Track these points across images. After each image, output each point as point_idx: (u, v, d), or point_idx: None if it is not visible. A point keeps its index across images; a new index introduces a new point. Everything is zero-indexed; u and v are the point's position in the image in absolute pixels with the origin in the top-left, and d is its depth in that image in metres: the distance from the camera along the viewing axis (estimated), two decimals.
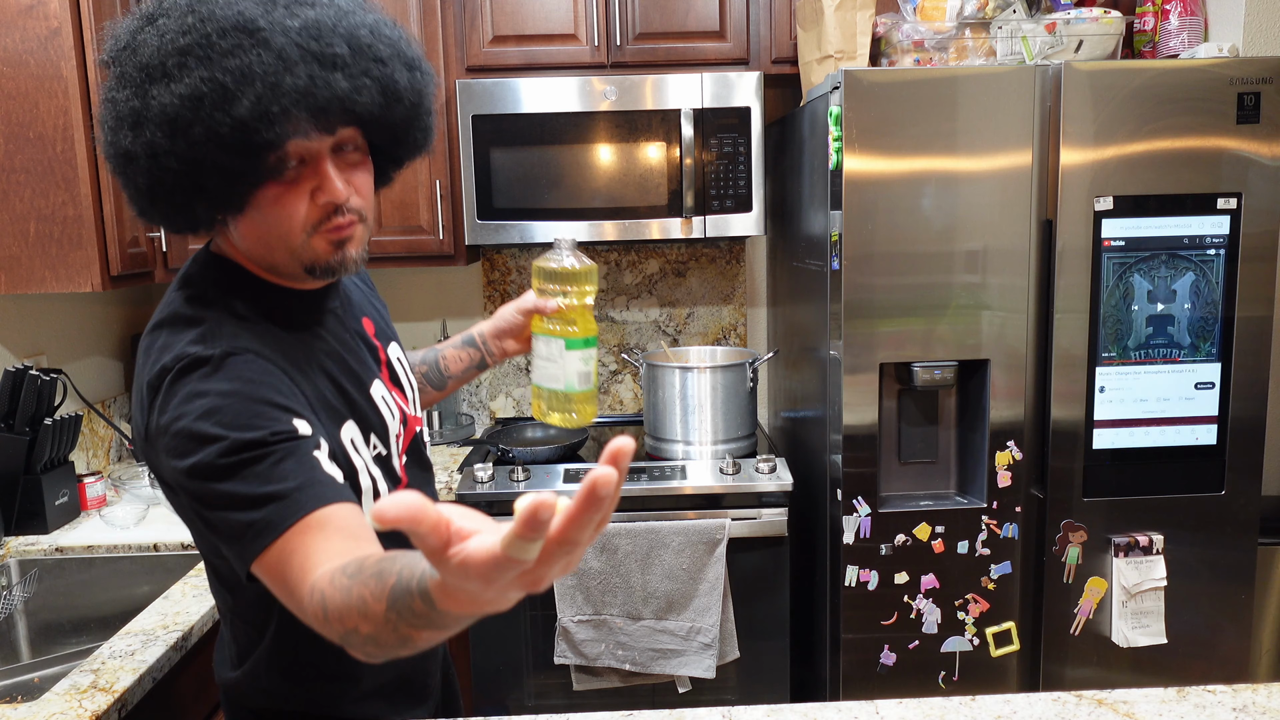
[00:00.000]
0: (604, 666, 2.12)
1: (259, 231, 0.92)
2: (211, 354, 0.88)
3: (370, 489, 0.98)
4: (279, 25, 0.83)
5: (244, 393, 0.86)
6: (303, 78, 0.82)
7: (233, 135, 0.82)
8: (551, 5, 2.31)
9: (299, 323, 0.99)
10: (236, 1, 0.83)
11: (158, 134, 0.82)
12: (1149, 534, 1.93)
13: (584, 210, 2.28)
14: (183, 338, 0.90)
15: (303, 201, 0.90)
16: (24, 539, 1.85)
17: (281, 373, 0.91)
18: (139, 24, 0.86)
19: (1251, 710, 1.11)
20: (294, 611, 0.84)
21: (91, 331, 2.37)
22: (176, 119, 0.81)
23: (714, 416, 2.30)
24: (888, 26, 2.07)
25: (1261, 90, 1.83)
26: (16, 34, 1.82)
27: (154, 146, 0.83)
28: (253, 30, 0.82)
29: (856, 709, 1.15)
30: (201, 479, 0.84)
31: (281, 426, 0.86)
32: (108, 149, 0.87)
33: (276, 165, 0.87)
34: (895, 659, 1.98)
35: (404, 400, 1.10)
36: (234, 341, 0.90)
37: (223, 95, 0.81)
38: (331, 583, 0.80)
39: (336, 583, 0.80)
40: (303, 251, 0.93)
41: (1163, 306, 1.90)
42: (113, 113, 0.85)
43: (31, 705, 1.20)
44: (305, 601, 0.81)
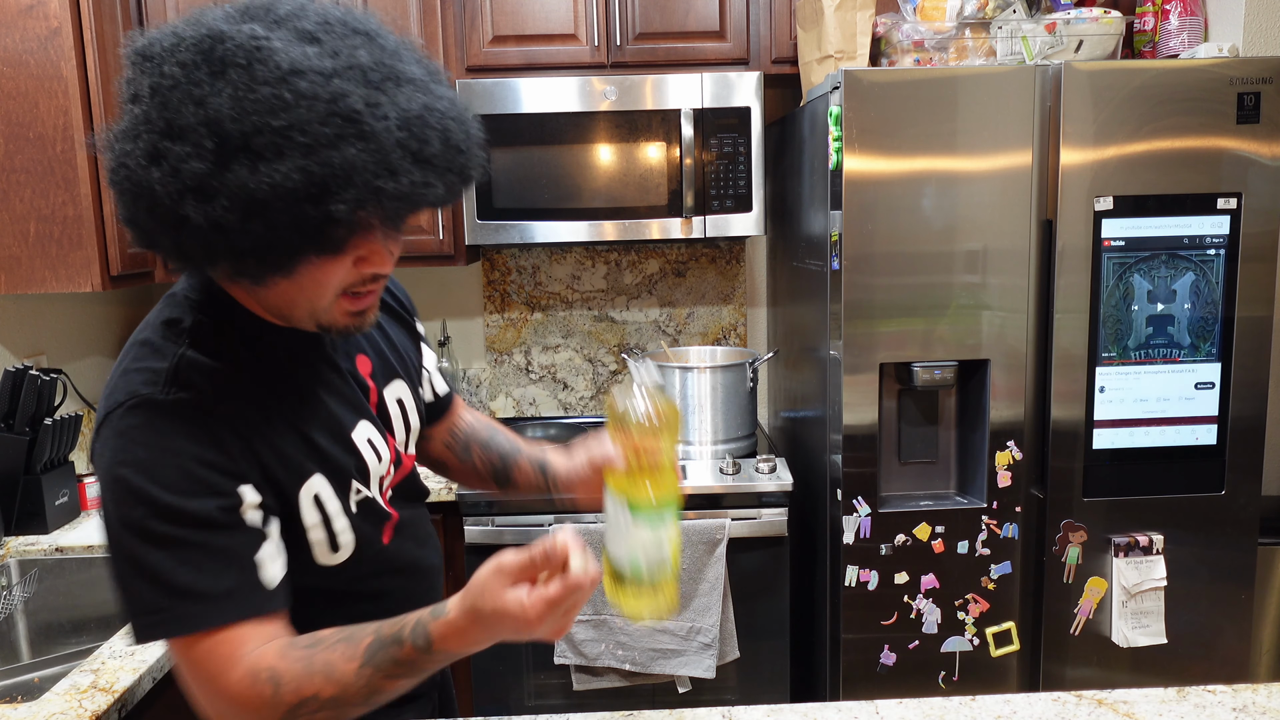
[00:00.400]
0: (604, 666, 2.12)
1: (289, 293, 0.86)
2: (165, 400, 0.83)
3: (325, 541, 0.95)
4: (378, 113, 0.76)
5: (189, 452, 0.83)
6: (404, 184, 0.78)
7: (318, 228, 0.77)
8: (551, 5, 2.32)
9: (282, 366, 0.93)
10: (330, 78, 0.75)
11: (231, 212, 0.74)
12: (1149, 534, 1.93)
13: (584, 210, 2.28)
14: (145, 372, 0.86)
15: (344, 268, 0.85)
16: (24, 539, 1.85)
17: (234, 434, 0.86)
18: (201, 70, 0.75)
19: (1251, 710, 1.11)
20: (209, 691, 0.85)
21: (91, 331, 2.37)
22: (259, 203, 0.74)
23: (714, 416, 2.30)
24: (888, 26, 2.07)
25: (1261, 90, 1.83)
26: (16, 34, 1.82)
27: (221, 222, 0.75)
28: (354, 119, 0.75)
29: (856, 709, 1.15)
30: (134, 536, 0.82)
31: (226, 501, 0.84)
32: (144, 196, 0.77)
33: (339, 243, 0.82)
34: (895, 659, 1.98)
35: (392, 442, 1.05)
36: (196, 389, 0.85)
37: (320, 191, 0.74)
38: (283, 657, 0.85)
39: (290, 655, 0.85)
40: (324, 314, 0.88)
41: (1163, 306, 1.90)
42: (170, 172, 0.74)
43: (31, 705, 1.20)
44: (243, 683, 0.83)
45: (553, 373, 2.79)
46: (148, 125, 0.76)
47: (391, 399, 1.06)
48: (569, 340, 2.78)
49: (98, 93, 1.89)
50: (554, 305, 2.77)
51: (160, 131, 0.75)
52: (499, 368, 2.79)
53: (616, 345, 2.79)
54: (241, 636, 0.84)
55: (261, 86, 0.73)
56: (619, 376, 2.81)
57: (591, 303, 2.77)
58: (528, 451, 1.22)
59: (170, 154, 0.74)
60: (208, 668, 0.84)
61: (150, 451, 0.82)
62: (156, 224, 0.78)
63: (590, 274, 2.75)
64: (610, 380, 2.81)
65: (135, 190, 0.77)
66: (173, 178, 0.74)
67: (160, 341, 0.88)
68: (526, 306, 2.77)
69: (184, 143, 0.74)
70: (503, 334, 2.77)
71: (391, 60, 0.80)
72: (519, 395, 2.80)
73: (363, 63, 0.78)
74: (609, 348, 2.79)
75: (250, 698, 0.84)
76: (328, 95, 0.74)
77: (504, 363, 2.79)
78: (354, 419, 0.99)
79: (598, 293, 2.76)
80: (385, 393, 1.05)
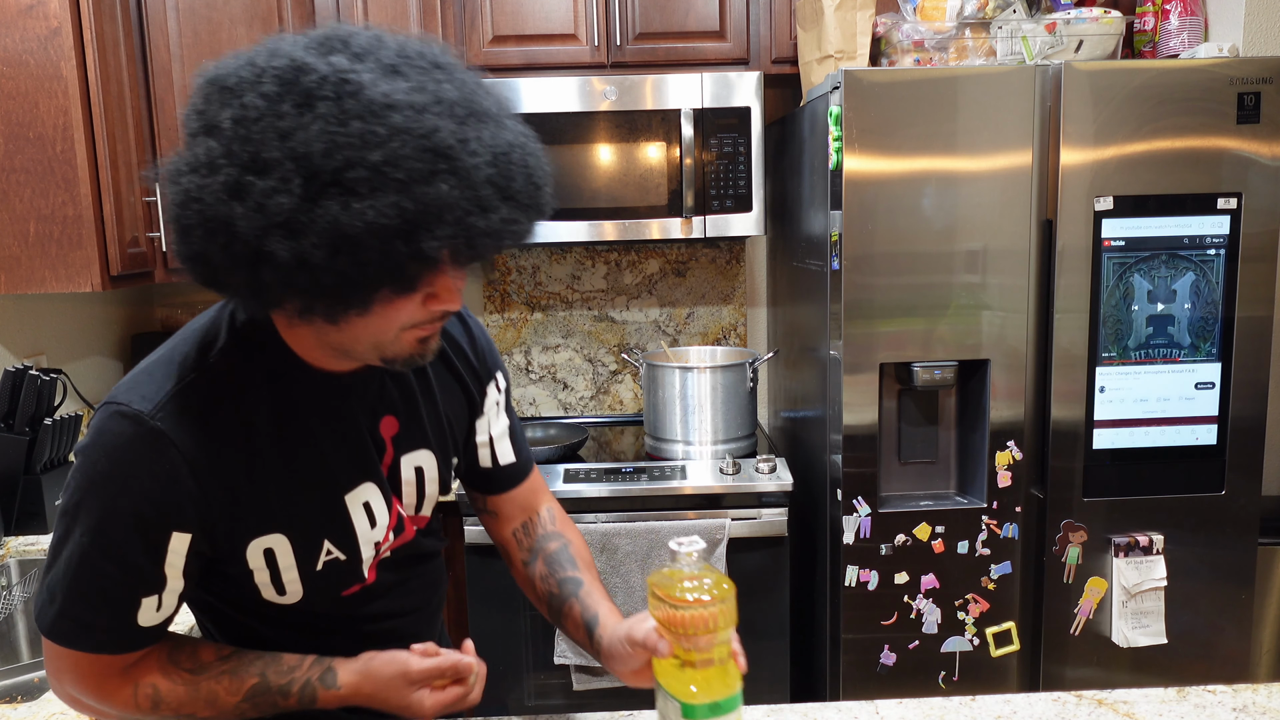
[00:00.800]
0: (604, 666, 2.11)
1: (356, 329, 0.83)
2: (147, 424, 0.83)
3: (269, 584, 0.94)
4: (469, 149, 0.75)
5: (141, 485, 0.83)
6: (494, 221, 0.77)
7: (408, 264, 0.75)
8: (551, 5, 2.31)
9: (296, 411, 0.91)
10: (421, 112, 0.74)
11: (320, 249, 0.72)
12: (1149, 534, 1.93)
13: (584, 210, 2.28)
14: (151, 384, 0.86)
15: (414, 305, 0.82)
16: (24, 539, 1.85)
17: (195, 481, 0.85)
18: (285, 102, 0.72)
19: (1251, 710, 1.11)
20: (80, 689, 0.90)
21: (91, 331, 2.37)
22: (350, 239, 0.72)
23: (714, 416, 2.30)
24: (888, 26, 2.07)
25: (1261, 90, 1.83)
26: (16, 34, 1.82)
27: (308, 258, 0.72)
28: (447, 155, 0.73)
29: (856, 709, 1.15)
30: (62, 519, 0.86)
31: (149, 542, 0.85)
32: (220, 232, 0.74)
33: (415, 280, 0.80)
34: (895, 659, 1.98)
35: (397, 508, 1.01)
36: (182, 425, 0.84)
37: (413, 228, 0.73)
38: (166, 674, 0.91)
39: (174, 675, 0.91)
40: (389, 347, 0.86)
41: (1163, 306, 1.90)
42: (255, 208, 0.72)
43: (31, 705, 1.20)
44: (123, 691, 0.89)
45: (553, 373, 2.79)
46: (228, 158, 0.73)
47: (409, 465, 1.02)
48: (569, 340, 2.78)
49: (98, 93, 1.89)
50: (554, 305, 2.77)
51: (243, 165, 0.72)
52: None
53: (616, 345, 2.79)
54: (104, 660, 0.89)
55: (354, 120, 0.71)
56: (619, 376, 2.81)
57: (591, 303, 2.77)
58: (584, 597, 1.09)
59: (255, 189, 0.72)
60: (78, 673, 0.89)
61: (109, 464, 0.83)
62: (230, 261, 0.75)
63: (590, 274, 2.75)
64: (610, 380, 2.81)
65: (210, 225, 0.74)
66: (257, 213, 0.72)
67: (183, 358, 0.88)
68: (526, 306, 2.77)
69: (270, 177, 0.71)
70: (503, 334, 2.77)
71: (471, 95, 0.79)
72: (519, 395, 2.80)
73: (449, 97, 0.76)
74: (609, 348, 2.79)
75: (125, 701, 0.90)
76: (421, 130, 0.73)
77: (504, 363, 2.79)
78: (355, 479, 0.96)
79: (598, 293, 2.76)
80: (403, 459, 1.01)
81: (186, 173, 0.75)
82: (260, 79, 0.74)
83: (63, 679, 0.89)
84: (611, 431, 2.67)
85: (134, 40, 2.09)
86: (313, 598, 0.96)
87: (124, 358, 2.51)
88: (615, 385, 2.82)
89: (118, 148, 1.97)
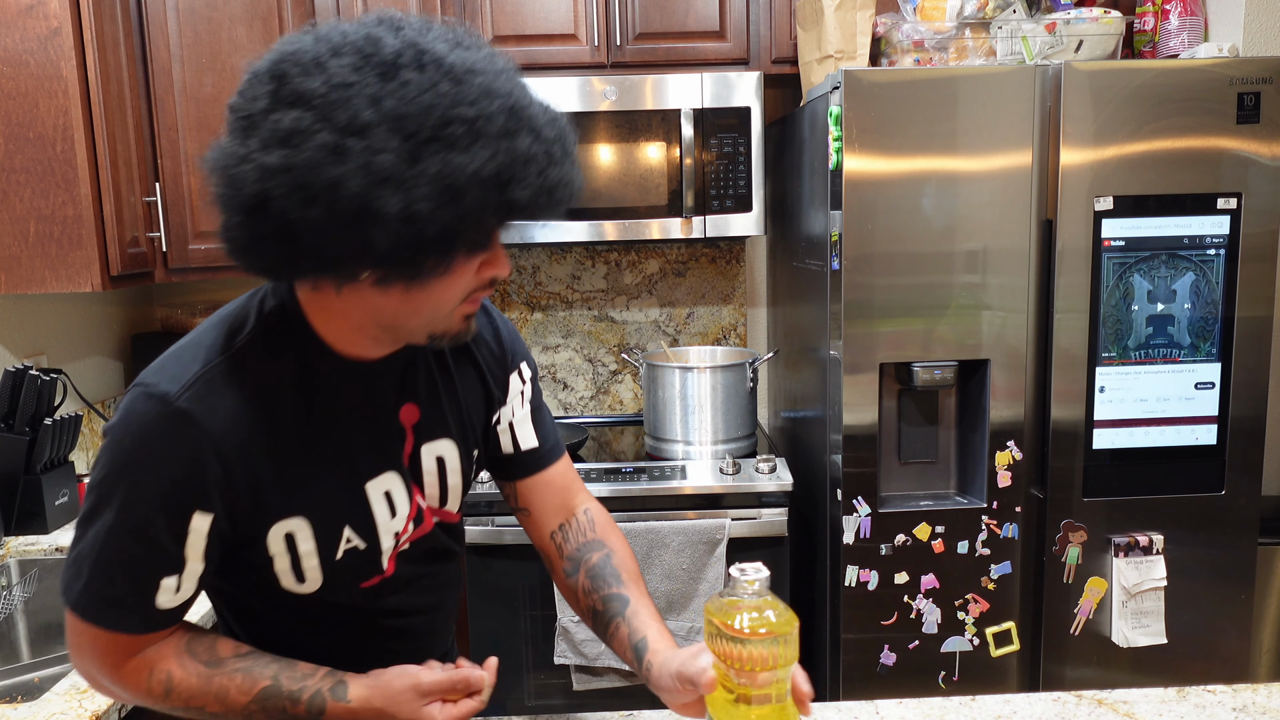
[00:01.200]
0: (604, 666, 2.12)
1: (414, 301, 0.86)
2: (173, 405, 0.85)
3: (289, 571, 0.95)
4: (535, 109, 0.83)
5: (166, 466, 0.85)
6: (566, 172, 0.84)
7: (495, 214, 0.80)
8: (551, 5, 2.31)
9: (320, 399, 0.93)
10: (495, 76, 0.80)
11: (426, 200, 0.75)
12: (1149, 534, 1.93)
13: (584, 210, 2.28)
14: (179, 366, 0.88)
15: (471, 273, 0.87)
16: (24, 539, 1.85)
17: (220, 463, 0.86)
18: (368, 71, 0.76)
19: (1251, 710, 1.11)
20: (96, 667, 0.91)
21: (91, 331, 2.37)
22: (454, 190, 0.76)
23: (714, 416, 2.30)
24: (888, 26, 2.07)
25: (1261, 90, 1.83)
26: (16, 34, 1.82)
27: (415, 209, 0.76)
28: (521, 113, 0.80)
29: (856, 709, 1.15)
30: (90, 493, 0.87)
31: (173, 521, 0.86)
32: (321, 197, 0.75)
33: (488, 239, 0.85)
34: (895, 659, 1.98)
35: (417, 499, 1.02)
36: (208, 406, 0.86)
37: (508, 178, 0.79)
38: (181, 665, 0.92)
39: (189, 667, 0.92)
40: (442, 321, 0.90)
41: (1163, 306, 1.90)
42: (361, 166, 0.75)
43: (32, 705, 1.20)
44: (137, 673, 0.90)
45: (553, 373, 2.79)
46: (325, 122, 0.75)
47: (430, 455, 1.02)
48: (569, 340, 2.78)
49: (98, 93, 1.89)
50: (554, 305, 2.77)
51: (341, 129, 0.75)
52: None
53: (616, 345, 2.79)
54: (124, 640, 0.90)
55: (443, 82, 0.76)
56: (619, 376, 2.81)
57: (591, 303, 2.77)
58: (631, 618, 1.06)
59: (355, 149, 0.74)
60: (97, 649, 0.90)
61: (135, 443, 0.85)
62: (333, 221, 0.76)
63: (590, 274, 2.75)
64: (610, 380, 2.81)
65: (307, 192, 0.75)
66: (363, 171, 0.74)
67: (211, 342, 0.90)
68: (526, 306, 2.77)
69: (368, 138, 0.75)
70: None
71: (515, 67, 0.86)
72: None
73: (505, 67, 0.83)
74: (609, 348, 2.79)
75: (139, 685, 0.91)
76: (501, 91, 0.79)
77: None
78: (377, 468, 0.97)
79: (598, 293, 2.76)
80: (424, 448, 1.02)
81: (264, 149, 0.76)
82: (339, 51, 0.77)
83: (83, 654, 0.90)
84: (611, 431, 2.67)
85: (134, 40, 2.09)
86: (332, 587, 0.97)
87: (124, 358, 2.51)
88: (615, 385, 2.82)
89: (118, 148, 1.97)
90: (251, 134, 0.77)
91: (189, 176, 2.17)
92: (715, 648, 0.82)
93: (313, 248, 0.79)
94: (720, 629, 0.81)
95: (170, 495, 0.85)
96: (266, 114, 0.77)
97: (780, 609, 0.82)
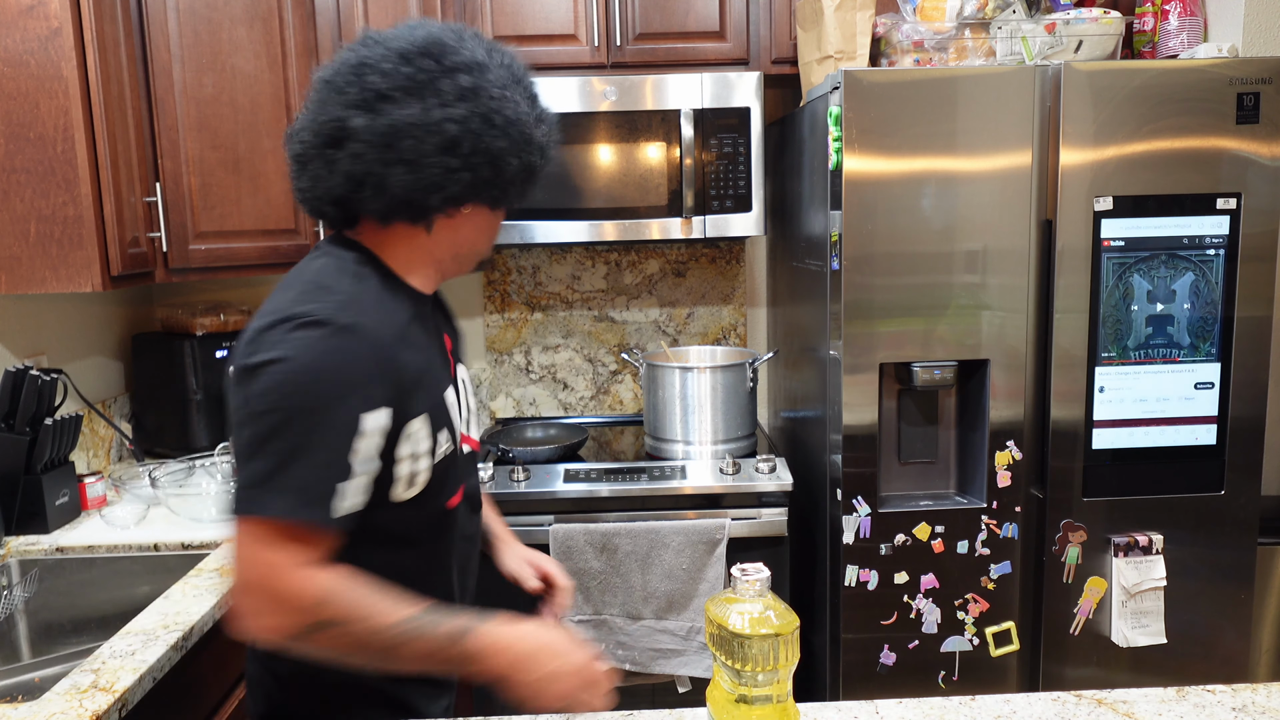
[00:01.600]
0: None
1: (484, 233, 1.16)
2: (338, 322, 0.97)
3: (406, 477, 1.05)
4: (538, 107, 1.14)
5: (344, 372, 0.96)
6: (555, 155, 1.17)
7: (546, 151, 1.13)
8: (551, 5, 2.32)
9: (411, 322, 1.09)
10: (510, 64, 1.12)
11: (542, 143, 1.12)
12: (1149, 534, 1.93)
13: (584, 210, 2.28)
14: (321, 296, 1.00)
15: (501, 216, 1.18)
16: (24, 539, 1.85)
17: (383, 362, 0.99)
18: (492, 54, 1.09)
19: (1251, 710, 1.12)
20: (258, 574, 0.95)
21: (91, 331, 2.37)
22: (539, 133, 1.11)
23: (714, 416, 2.30)
24: (888, 26, 2.07)
25: (1261, 90, 1.83)
26: (16, 34, 1.82)
27: (539, 144, 1.10)
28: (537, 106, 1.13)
29: (856, 709, 1.15)
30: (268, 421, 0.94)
31: (351, 423, 0.96)
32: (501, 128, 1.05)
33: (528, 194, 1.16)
34: (895, 659, 1.98)
35: (459, 419, 1.16)
36: (363, 319, 1.00)
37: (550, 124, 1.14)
38: (341, 581, 0.97)
39: (351, 581, 0.98)
40: (475, 256, 1.18)
41: (1162, 306, 1.90)
42: (499, 108, 1.05)
43: (32, 705, 1.20)
44: (297, 583, 0.95)
45: (553, 373, 2.79)
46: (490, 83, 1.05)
47: (461, 376, 1.21)
48: (569, 340, 2.78)
49: (98, 93, 1.89)
50: (554, 305, 2.77)
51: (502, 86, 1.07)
52: (499, 368, 2.79)
53: (616, 345, 2.79)
54: (303, 540, 0.96)
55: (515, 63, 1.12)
56: (619, 376, 2.81)
57: (591, 303, 2.77)
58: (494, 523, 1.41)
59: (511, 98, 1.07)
60: (276, 555, 0.95)
61: (314, 359, 0.95)
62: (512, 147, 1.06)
63: (590, 274, 2.75)
64: (610, 380, 2.81)
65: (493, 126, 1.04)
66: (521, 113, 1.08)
67: (322, 285, 1.03)
68: (527, 306, 2.77)
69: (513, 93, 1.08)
70: (503, 334, 2.77)
71: None
72: (519, 395, 2.81)
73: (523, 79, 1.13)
74: (609, 348, 2.79)
75: (294, 597, 0.95)
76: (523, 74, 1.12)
77: (504, 363, 2.79)
78: (445, 381, 1.13)
79: (598, 293, 2.76)
80: (459, 369, 1.21)
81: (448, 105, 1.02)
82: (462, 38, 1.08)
83: (247, 567, 0.95)
84: (611, 431, 2.67)
85: (134, 40, 2.09)
86: (429, 493, 1.08)
87: (124, 358, 2.51)
88: (615, 385, 2.82)
89: (118, 148, 1.97)
90: (425, 95, 1.02)
91: (189, 176, 2.17)
92: (716, 648, 0.83)
93: (494, 174, 1.06)
94: (721, 629, 0.81)
95: (349, 401, 0.96)
96: (434, 79, 1.02)
97: (781, 609, 0.83)
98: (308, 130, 1.06)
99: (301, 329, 0.96)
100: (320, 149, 1.05)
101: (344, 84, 1.03)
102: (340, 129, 1.02)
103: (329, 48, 2.24)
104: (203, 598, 1.54)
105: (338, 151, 1.03)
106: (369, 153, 1.02)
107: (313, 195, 1.09)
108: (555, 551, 2.07)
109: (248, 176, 2.21)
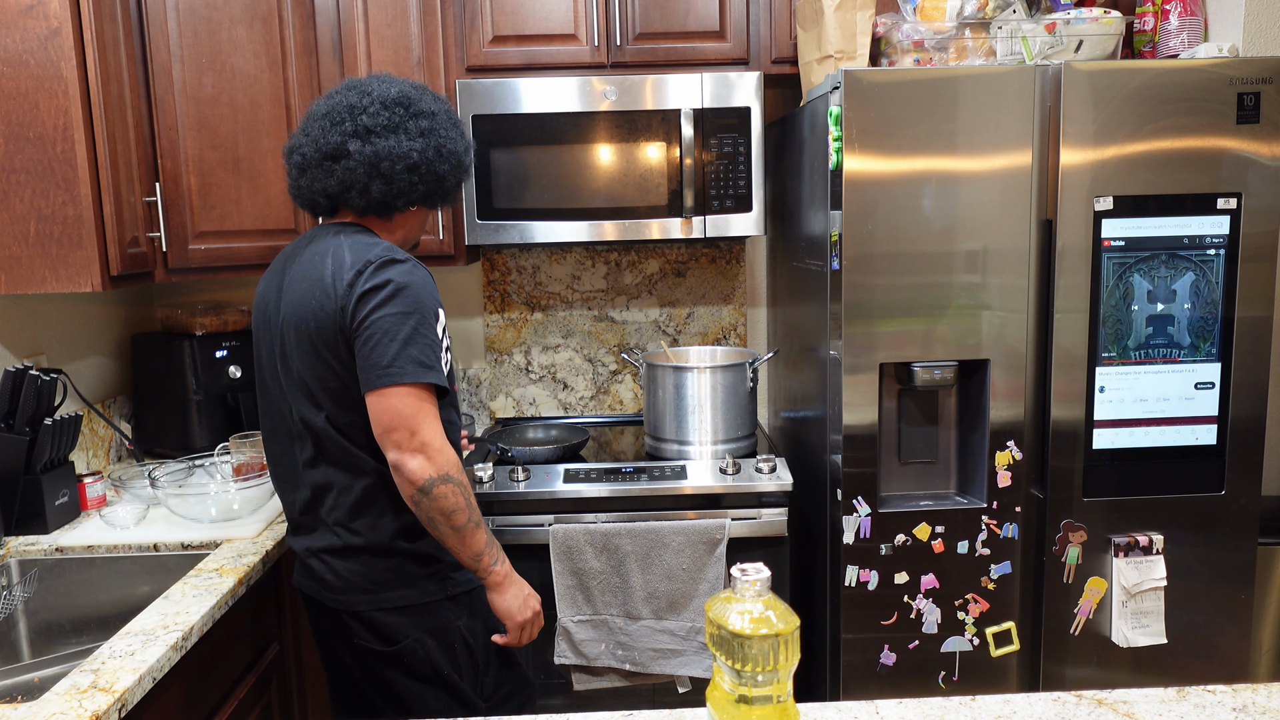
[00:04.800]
0: (604, 666, 2.12)
1: (423, 223, 1.68)
2: (411, 260, 1.49)
3: (449, 363, 1.53)
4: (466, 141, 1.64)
5: (437, 293, 1.50)
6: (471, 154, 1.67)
7: (470, 170, 1.66)
8: (551, 5, 2.31)
9: None
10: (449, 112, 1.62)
11: (468, 166, 1.64)
12: (1149, 534, 1.93)
13: (584, 210, 2.28)
14: (401, 253, 1.49)
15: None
16: (24, 539, 1.85)
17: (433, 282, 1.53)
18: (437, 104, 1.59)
19: (1251, 710, 1.11)
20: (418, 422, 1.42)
21: (91, 331, 2.37)
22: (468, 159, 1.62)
23: (714, 416, 2.30)
24: (888, 26, 2.07)
25: (1261, 90, 1.83)
26: (16, 34, 1.82)
27: (465, 167, 1.62)
28: (469, 145, 1.63)
29: (856, 709, 1.15)
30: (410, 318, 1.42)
31: (443, 322, 1.49)
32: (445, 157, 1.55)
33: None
34: (895, 659, 1.98)
35: None
36: (423, 267, 1.51)
37: (471, 147, 1.66)
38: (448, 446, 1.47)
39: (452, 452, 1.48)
40: (420, 235, 1.71)
41: (1163, 306, 1.90)
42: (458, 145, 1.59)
43: (31, 705, 1.20)
44: (438, 436, 1.43)
45: (553, 373, 2.79)
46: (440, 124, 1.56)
47: None
48: (569, 340, 2.78)
49: (98, 93, 1.89)
50: (554, 305, 2.77)
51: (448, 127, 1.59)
52: (499, 368, 2.79)
53: (616, 345, 2.79)
54: (435, 399, 1.45)
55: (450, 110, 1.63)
56: (619, 376, 2.81)
57: (591, 303, 2.77)
58: None
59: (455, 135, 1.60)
60: (432, 411, 1.44)
61: (426, 284, 1.48)
62: (452, 169, 1.57)
63: (590, 274, 2.75)
64: (610, 380, 2.81)
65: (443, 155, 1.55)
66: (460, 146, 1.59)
67: (371, 239, 1.51)
68: (526, 306, 2.77)
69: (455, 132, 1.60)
70: (503, 334, 2.77)
71: None
72: (519, 395, 2.80)
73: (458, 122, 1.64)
74: (609, 348, 2.79)
75: (435, 443, 1.42)
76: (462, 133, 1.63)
77: (504, 363, 2.79)
78: None
79: (598, 293, 2.76)
80: None
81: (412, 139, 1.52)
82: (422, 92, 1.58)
83: (419, 421, 1.41)
84: (611, 431, 2.67)
85: (134, 40, 2.09)
86: (450, 376, 1.52)
87: (124, 358, 2.51)
88: (615, 385, 2.82)
89: (118, 148, 1.97)
90: (399, 133, 1.50)
91: (189, 176, 2.17)
92: (716, 648, 0.83)
93: (437, 187, 1.56)
94: (721, 629, 0.81)
95: (439, 306, 1.49)
96: (404, 122, 1.51)
97: (781, 609, 0.82)
98: (310, 148, 1.52)
99: (409, 262, 1.46)
100: (321, 161, 1.51)
101: (341, 119, 1.49)
102: (339, 150, 1.49)
103: (329, 48, 2.24)
104: (202, 598, 1.54)
105: (335, 164, 1.50)
106: (359, 168, 1.49)
107: (310, 191, 1.55)
108: (555, 551, 2.07)
109: (247, 176, 2.21)
